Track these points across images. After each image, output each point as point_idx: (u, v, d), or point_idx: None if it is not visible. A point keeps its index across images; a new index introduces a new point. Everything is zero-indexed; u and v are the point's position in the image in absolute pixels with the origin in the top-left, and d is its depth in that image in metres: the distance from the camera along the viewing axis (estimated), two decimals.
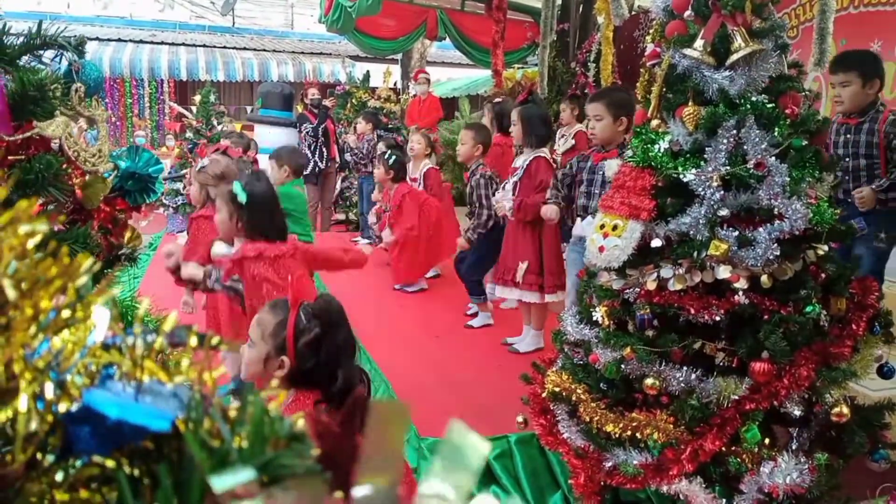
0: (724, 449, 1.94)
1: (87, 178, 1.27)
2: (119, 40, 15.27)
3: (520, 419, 2.55)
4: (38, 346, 0.28)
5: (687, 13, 2.01)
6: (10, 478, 0.27)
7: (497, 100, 5.67)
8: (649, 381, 2.01)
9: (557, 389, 2.30)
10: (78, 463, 0.29)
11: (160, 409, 0.29)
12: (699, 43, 1.95)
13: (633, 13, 6.15)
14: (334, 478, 0.27)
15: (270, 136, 7.80)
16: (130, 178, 1.37)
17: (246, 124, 10.44)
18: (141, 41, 15.40)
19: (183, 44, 15.62)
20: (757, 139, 1.88)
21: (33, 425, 0.28)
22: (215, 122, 8.78)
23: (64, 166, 1.18)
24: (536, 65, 7.92)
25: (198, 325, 0.37)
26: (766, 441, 1.96)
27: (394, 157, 5.54)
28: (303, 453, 0.27)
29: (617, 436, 2.08)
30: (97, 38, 15.02)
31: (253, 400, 0.30)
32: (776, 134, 1.91)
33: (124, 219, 1.38)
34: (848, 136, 3.49)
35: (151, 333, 0.32)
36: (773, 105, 1.93)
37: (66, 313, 0.29)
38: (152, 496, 0.28)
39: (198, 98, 9.04)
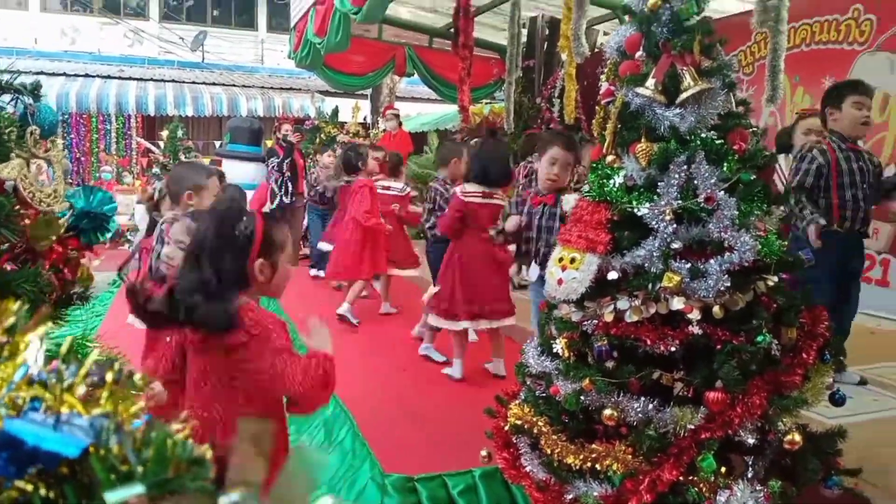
0: (681, 478, 1.96)
1: (36, 219, 1.27)
2: (87, 76, 15.22)
3: (484, 453, 2.55)
4: None
5: (638, 53, 2.08)
6: None
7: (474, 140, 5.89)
8: (608, 411, 2.03)
9: (519, 422, 2.32)
10: None
11: (73, 438, 0.31)
12: (650, 82, 2.01)
13: (596, 50, 6.31)
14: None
15: (239, 171, 7.79)
16: (85, 217, 1.37)
17: (214, 159, 10.42)
18: (109, 76, 15.36)
19: (151, 79, 15.61)
20: (707, 174, 1.94)
21: None
22: (183, 157, 8.76)
23: (16, 207, 1.18)
24: (503, 100, 8.06)
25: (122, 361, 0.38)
26: (723, 470, 1.99)
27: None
28: (200, 475, 0.29)
29: (577, 467, 2.09)
30: (64, 74, 14.97)
31: (158, 428, 0.32)
32: (725, 169, 1.97)
33: (76, 258, 1.38)
34: (860, 163, 3.67)
35: (73, 370, 0.34)
36: (722, 141, 2.00)
37: None
38: None
39: (165, 133, 9.03)
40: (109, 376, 0.35)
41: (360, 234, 5.57)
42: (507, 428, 2.38)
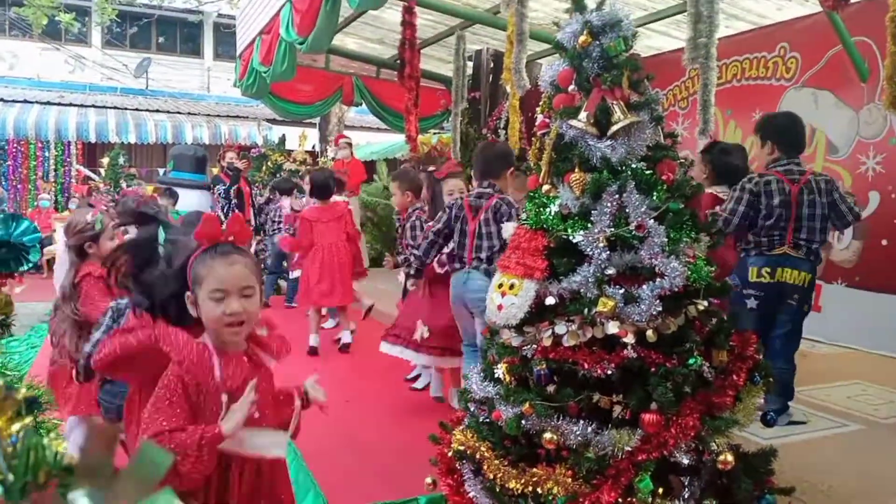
0: (620, 500, 2.00)
1: None
2: (25, 101, 14.83)
3: (428, 480, 2.55)
4: None
5: (571, 87, 2.16)
6: None
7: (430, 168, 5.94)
8: (548, 435, 2.06)
9: (463, 448, 2.33)
10: None
11: None
12: (583, 115, 2.09)
13: (538, 83, 6.46)
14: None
15: (183, 199, 7.68)
16: (3, 247, 1.35)
17: (158, 186, 10.25)
18: (48, 102, 15.00)
19: (93, 105, 15.29)
20: (637, 203, 2.01)
21: None
22: (124, 185, 8.60)
23: None
24: (451, 130, 8.17)
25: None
26: (661, 491, 2.04)
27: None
28: (66, 481, 0.31)
29: (519, 492, 2.12)
30: (1, 99, 14.56)
31: (30, 441, 0.34)
32: (655, 198, 2.05)
33: None
34: None
35: None
36: (651, 171, 2.08)
37: None
38: None
39: (106, 160, 8.85)
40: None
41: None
42: (450, 454, 2.39)
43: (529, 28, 4.65)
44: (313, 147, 12.49)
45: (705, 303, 2.14)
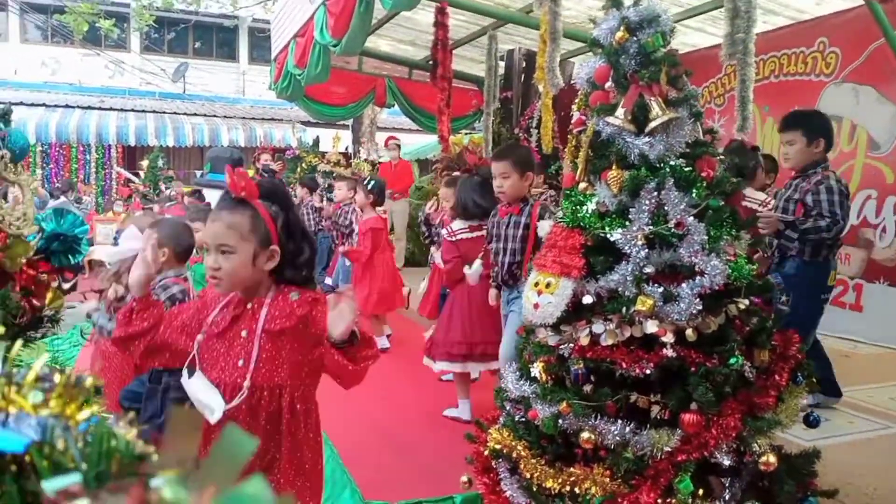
0: (659, 501, 1.98)
1: (8, 241, 1.28)
2: (67, 106, 15.19)
3: (464, 479, 2.55)
4: None
5: (608, 84, 2.15)
6: None
7: (446, 173, 5.89)
8: (585, 434, 2.05)
9: (499, 447, 2.33)
10: None
11: (18, 434, 0.33)
12: (620, 111, 2.07)
13: (572, 82, 6.42)
14: None
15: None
16: (56, 240, 1.38)
17: (194, 188, 10.41)
18: (89, 107, 15.34)
19: (132, 109, 15.61)
20: (676, 200, 1.99)
21: None
22: (163, 187, 8.75)
23: None
24: (482, 130, 8.16)
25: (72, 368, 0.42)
26: (700, 492, 2.01)
27: (373, 181, 5.70)
28: (140, 469, 0.32)
29: (556, 491, 2.11)
30: (44, 105, 14.93)
31: (103, 428, 0.34)
32: (694, 195, 2.03)
33: (47, 281, 1.39)
34: (788, 191, 3.71)
35: (21, 373, 0.37)
36: (691, 168, 2.06)
37: None
38: None
39: (146, 163, 9.02)
40: (58, 380, 0.38)
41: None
42: (486, 453, 2.39)
43: (563, 26, 4.62)
44: (346, 148, 12.58)
45: (746, 301, 2.11)
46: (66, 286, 1.51)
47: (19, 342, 0.37)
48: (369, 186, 5.70)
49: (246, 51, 20.55)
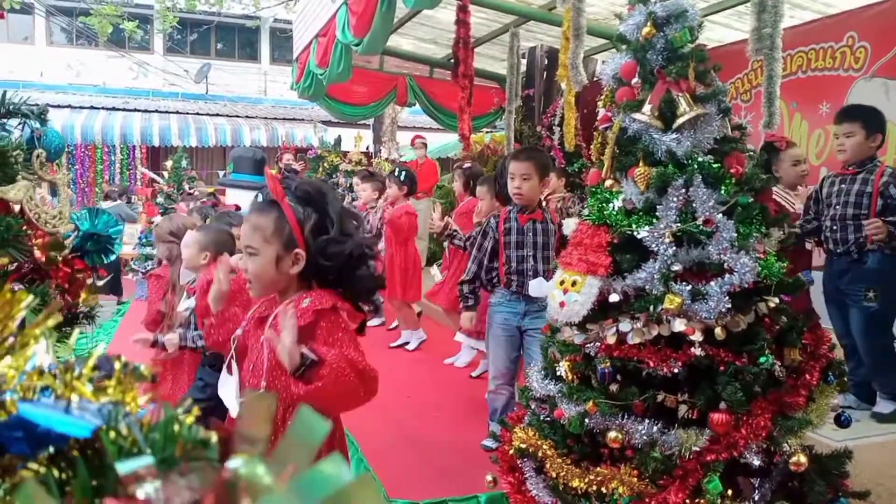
0: (687, 501, 1.96)
1: (49, 238, 1.30)
2: (91, 108, 15.38)
3: (489, 478, 2.54)
4: None
5: (634, 80, 2.12)
6: None
7: (466, 165, 5.86)
8: (612, 434, 2.03)
9: (524, 446, 2.32)
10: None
11: (83, 420, 0.33)
12: (647, 108, 2.05)
13: (595, 80, 6.38)
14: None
15: (243, 200, 7.84)
16: (90, 239, 1.40)
17: (217, 188, 10.50)
18: (114, 108, 15.53)
19: (156, 110, 15.78)
20: (704, 197, 1.96)
21: None
22: (187, 187, 8.83)
23: (24, 228, 1.21)
24: (504, 129, 8.14)
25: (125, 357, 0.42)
26: (729, 492, 1.98)
27: (404, 171, 5.73)
28: (206, 456, 0.32)
29: (583, 491, 2.09)
30: (69, 106, 15.13)
31: (166, 412, 0.35)
32: (723, 192, 2.00)
33: (82, 278, 1.40)
34: (843, 185, 3.60)
35: (81, 363, 0.37)
36: (719, 165, 2.03)
37: (7, 343, 0.34)
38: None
39: (170, 163, 9.11)
40: (117, 367, 0.38)
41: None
42: (511, 452, 2.37)
43: (586, 23, 4.59)
44: (367, 148, 12.62)
45: (776, 300, 2.08)
46: (99, 283, 1.52)
47: (77, 330, 0.38)
48: (401, 177, 5.73)
49: (268, 51, 20.67)
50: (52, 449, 0.34)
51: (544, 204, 3.68)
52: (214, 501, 0.27)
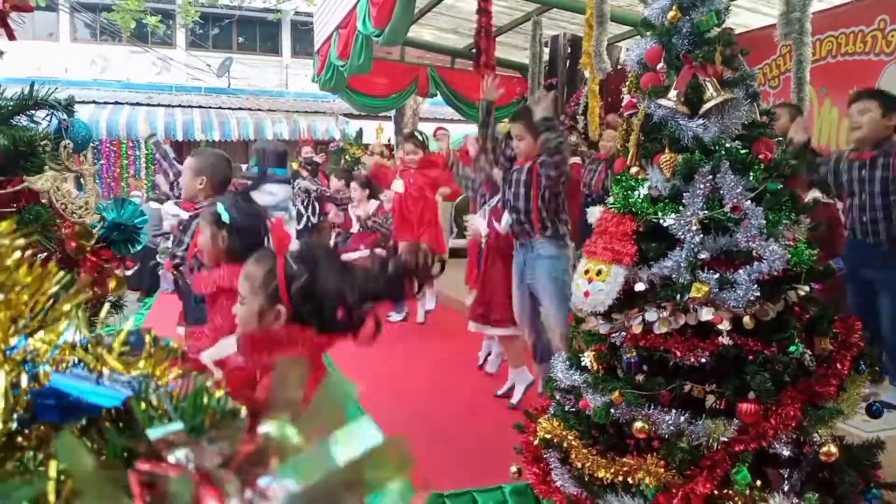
0: (716, 492, 1.94)
1: (79, 227, 1.32)
2: (116, 103, 15.54)
3: (513, 469, 2.54)
4: (16, 344, 0.33)
5: (660, 65, 2.09)
6: None
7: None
8: (638, 424, 2.01)
9: (549, 436, 2.31)
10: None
11: (114, 391, 0.34)
12: (673, 93, 2.02)
13: (619, 67, 6.32)
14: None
15: (265, 192, 7.88)
16: (116, 229, 1.41)
17: (241, 181, 10.55)
18: (138, 103, 15.67)
19: (179, 105, 15.89)
20: (732, 184, 1.93)
21: (2, 406, 0.32)
22: None
23: (52, 217, 1.23)
24: None
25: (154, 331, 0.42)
26: (758, 483, 1.96)
27: (423, 134, 6.31)
28: (235, 426, 0.31)
29: (609, 481, 2.08)
30: (94, 102, 15.29)
31: (196, 382, 0.34)
32: (751, 178, 1.96)
33: (110, 268, 1.42)
34: (864, 172, 3.49)
35: (112, 336, 0.37)
36: (747, 151, 1.99)
37: (39, 318, 0.34)
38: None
39: None
40: (147, 340, 0.38)
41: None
42: (536, 443, 2.36)
43: (609, 10, 4.54)
44: (389, 140, 12.62)
45: (806, 288, 2.04)
46: (127, 273, 1.54)
47: (106, 305, 0.38)
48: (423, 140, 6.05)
49: (289, 45, 20.73)
50: (84, 420, 0.35)
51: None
52: (244, 463, 0.27)
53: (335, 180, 7.96)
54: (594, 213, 2.23)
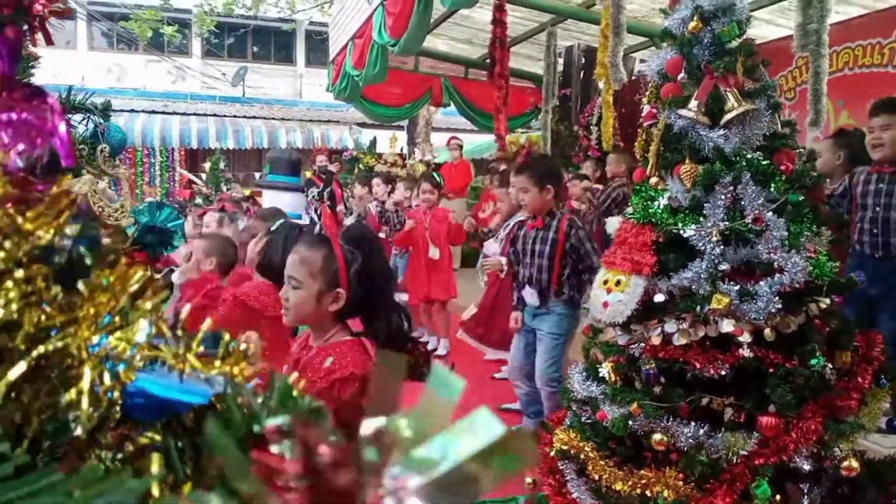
0: None
1: (116, 229, 1.33)
2: (132, 111, 15.68)
3: (529, 480, 2.52)
4: (98, 341, 0.33)
5: (680, 76, 2.09)
6: (76, 447, 0.32)
7: (502, 167, 5.85)
8: (657, 436, 2.00)
9: (565, 448, 2.29)
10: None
11: (199, 389, 0.34)
12: (693, 103, 2.01)
13: (633, 77, 6.32)
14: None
15: (279, 201, 7.92)
16: (150, 232, 1.43)
17: (255, 190, 10.62)
18: (153, 111, 15.80)
19: (194, 113, 16.02)
20: (754, 195, 1.92)
21: (86, 404, 0.32)
22: (224, 188, 8.96)
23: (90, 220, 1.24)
24: (540, 129, 8.10)
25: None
26: (778, 498, 1.94)
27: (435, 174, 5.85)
28: (318, 422, 0.32)
29: (626, 494, 2.06)
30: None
31: (281, 381, 0.35)
32: (773, 189, 1.95)
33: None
34: (881, 185, 3.39)
35: (189, 337, 0.37)
36: (769, 162, 1.98)
37: (120, 317, 0.35)
38: (193, 463, 0.33)
39: (208, 165, 9.25)
40: (224, 342, 0.39)
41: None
42: (552, 454, 2.35)
43: (625, 20, 4.55)
44: (401, 149, 12.66)
45: (827, 300, 2.02)
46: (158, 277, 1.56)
47: (163, 293, 0.38)
48: (437, 179, 5.81)
49: (303, 54, 20.88)
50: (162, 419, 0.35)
51: (559, 213, 3.60)
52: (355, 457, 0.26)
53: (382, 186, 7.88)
54: (613, 224, 2.22)
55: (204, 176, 9.40)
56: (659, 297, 2.04)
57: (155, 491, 0.29)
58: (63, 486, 0.24)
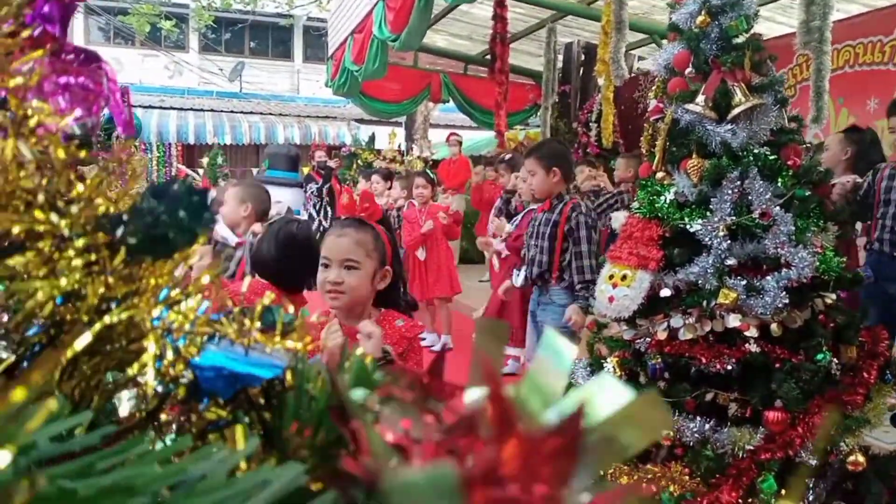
0: (740, 501, 1.92)
1: None
2: (129, 106, 15.57)
3: None
4: (159, 314, 0.33)
5: (687, 70, 2.08)
6: (136, 424, 0.31)
7: (507, 156, 5.82)
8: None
9: None
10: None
11: (269, 362, 0.33)
12: (700, 98, 2.01)
13: (633, 74, 6.31)
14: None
15: (277, 197, 7.90)
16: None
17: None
18: (150, 106, 15.73)
19: (191, 108, 15.95)
20: (761, 190, 1.92)
21: (152, 378, 0.32)
22: (221, 184, 8.94)
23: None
24: (539, 125, 8.09)
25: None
26: (783, 492, 1.94)
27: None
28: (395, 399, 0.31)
29: None
30: None
31: (353, 355, 0.34)
32: (780, 184, 1.95)
33: None
34: None
35: (249, 311, 0.37)
36: (776, 157, 1.98)
37: (180, 289, 0.34)
38: (263, 441, 0.32)
39: (205, 160, 9.23)
40: (281, 315, 0.38)
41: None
42: None
43: (627, 17, 4.54)
44: (399, 145, 12.65)
45: (833, 296, 2.03)
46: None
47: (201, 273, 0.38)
48: (431, 175, 5.80)
49: (300, 49, 20.81)
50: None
51: (566, 197, 3.59)
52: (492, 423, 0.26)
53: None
54: (619, 218, 2.21)
55: (201, 171, 9.37)
56: (665, 292, 2.04)
57: (242, 464, 0.28)
58: (153, 455, 0.23)
